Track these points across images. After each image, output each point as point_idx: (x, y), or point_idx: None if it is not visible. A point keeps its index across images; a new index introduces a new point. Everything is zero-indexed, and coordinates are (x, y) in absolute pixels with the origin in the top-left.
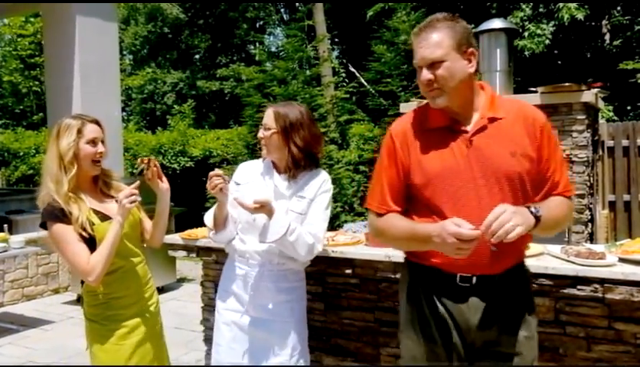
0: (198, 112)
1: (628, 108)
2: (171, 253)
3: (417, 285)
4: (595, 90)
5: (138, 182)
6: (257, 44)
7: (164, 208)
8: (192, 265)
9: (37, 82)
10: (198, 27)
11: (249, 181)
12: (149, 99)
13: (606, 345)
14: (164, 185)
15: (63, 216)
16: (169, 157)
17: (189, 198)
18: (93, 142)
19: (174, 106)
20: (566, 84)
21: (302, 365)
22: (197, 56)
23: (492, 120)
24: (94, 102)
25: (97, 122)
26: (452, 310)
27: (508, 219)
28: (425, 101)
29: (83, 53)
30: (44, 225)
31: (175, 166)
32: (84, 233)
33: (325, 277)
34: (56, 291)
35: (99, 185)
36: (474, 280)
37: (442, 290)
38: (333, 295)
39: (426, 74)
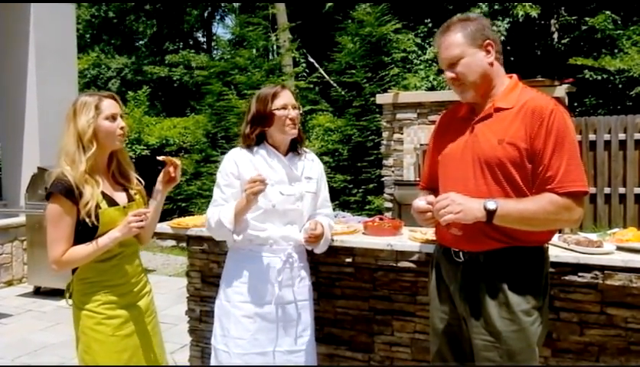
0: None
1: (575, 104)
2: (158, 242)
3: (433, 258)
4: (566, 86)
5: (149, 208)
6: (213, 31)
7: (159, 206)
8: (150, 256)
9: None
10: (145, 12)
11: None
12: (92, 83)
13: (598, 330)
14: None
15: (69, 194)
16: (124, 145)
17: (145, 187)
18: (112, 117)
19: (129, 92)
20: (540, 79)
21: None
22: (141, 42)
23: (498, 110)
24: (50, 84)
25: (114, 97)
26: (446, 279)
27: (445, 205)
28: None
29: (38, 34)
30: (48, 197)
31: (131, 154)
32: (87, 220)
33: (319, 266)
34: (9, 283)
35: (112, 168)
36: (461, 255)
37: (442, 262)
38: (327, 284)
39: (448, 74)
